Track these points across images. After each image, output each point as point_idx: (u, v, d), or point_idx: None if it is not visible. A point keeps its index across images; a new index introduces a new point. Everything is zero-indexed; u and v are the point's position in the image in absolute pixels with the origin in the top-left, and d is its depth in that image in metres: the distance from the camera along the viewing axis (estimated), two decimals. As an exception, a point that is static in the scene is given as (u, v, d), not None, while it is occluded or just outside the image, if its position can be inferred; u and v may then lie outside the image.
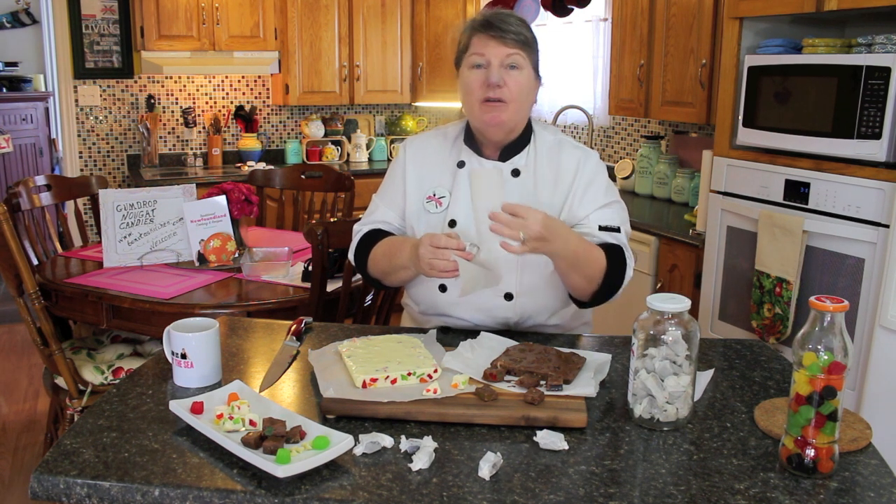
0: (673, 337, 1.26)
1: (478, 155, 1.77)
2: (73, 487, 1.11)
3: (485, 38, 1.67)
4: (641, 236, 3.22)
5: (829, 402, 1.12)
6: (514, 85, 1.67)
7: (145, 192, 2.76)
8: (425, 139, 1.86)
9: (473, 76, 1.69)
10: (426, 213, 1.78)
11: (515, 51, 1.67)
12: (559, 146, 1.79)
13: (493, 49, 1.66)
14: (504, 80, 1.66)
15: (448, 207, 1.76)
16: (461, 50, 1.74)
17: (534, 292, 1.74)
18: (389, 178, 1.87)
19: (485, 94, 1.67)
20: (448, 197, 1.77)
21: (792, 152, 2.52)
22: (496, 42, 1.66)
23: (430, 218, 1.77)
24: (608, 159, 4.40)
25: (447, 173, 1.79)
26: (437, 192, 1.78)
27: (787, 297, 2.47)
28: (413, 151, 1.84)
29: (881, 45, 2.25)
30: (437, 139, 1.85)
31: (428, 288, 1.78)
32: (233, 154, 5.22)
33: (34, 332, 2.45)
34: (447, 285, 1.74)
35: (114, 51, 4.92)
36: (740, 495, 1.09)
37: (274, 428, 1.20)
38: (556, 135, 1.82)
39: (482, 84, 1.67)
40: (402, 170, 1.83)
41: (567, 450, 1.22)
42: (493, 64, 1.67)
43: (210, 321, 1.50)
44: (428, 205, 1.78)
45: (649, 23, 3.52)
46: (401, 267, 1.70)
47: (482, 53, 1.67)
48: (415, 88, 5.37)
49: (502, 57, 1.66)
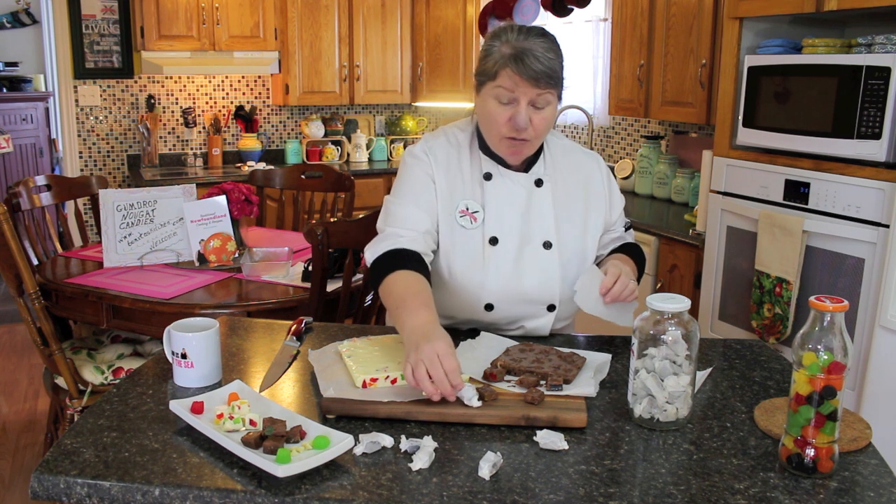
0: (673, 337, 1.26)
1: (502, 166, 1.72)
2: (74, 487, 1.11)
3: (515, 76, 1.57)
4: (641, 236, 3.21)
5: (828, 402, 1.12)
6: (541, 122, 1.62)
7: (145, 192, 2.76)
8: (442, 145, 1.76)
9: (499, 111, 1.61)
10: (461, 227, 1.71)
11: (546, 91, 1.59)
12: (567, 151, 1.81)
13: (523, 89, 1.57)
14: (530, 120, 1.60)
15: (484, 222, 1.71)
16: (487, 74, 1.62)
17: (568, 301, 1.74)
18: (415, 181, 1.73)
19: (509, 133, 1.62)
20: (482, 212, 1.71)
21: (792, 152, 2.52)
22: (527, 83, 1.57)
23: (467, 234, 1.71)
24: (608, 159, 4.40)
25: (476, 185, 1.73)
26: (469, 206, 1.72)
27: (787, 297, 2.47)
28: (437, 157, 1.74)
29: (881, 45, 2.25)
30: (452, 146, 1.76)
31: (472, 307, 1.72)
32: (233, 154, 5.22)
33: (34, 332, 2.45)
34: (494, 304, 1.70)
35: (114, 51, 4.92)
36: (740, 495, 1.09)
37: (274, 428, 1.20)
38: (561, 139, 1.83)
39: (507, 122, 1.61)
40: (431, 175, 1.72)
41: (567, 450, 1.22)
42: (521, 103, 1.59)
43: (210, 321, 1.50)
44: (462, 219, 1.71)
45: (649, 23, 3.53)
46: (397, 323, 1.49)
47: (511, 90, 1.58)
48: (415, 88, 5.37)
49: (532, 97, 1.58)
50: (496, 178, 1.73)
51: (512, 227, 1.71)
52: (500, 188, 1.72)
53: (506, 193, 1.72)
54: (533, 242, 1.71)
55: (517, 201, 1.72)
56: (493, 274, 1.69)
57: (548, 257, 1.71)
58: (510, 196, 1.72)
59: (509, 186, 1.72)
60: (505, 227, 1.71)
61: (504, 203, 1.71)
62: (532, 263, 1.70)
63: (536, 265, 1.70)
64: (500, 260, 1.69)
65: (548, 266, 1.71)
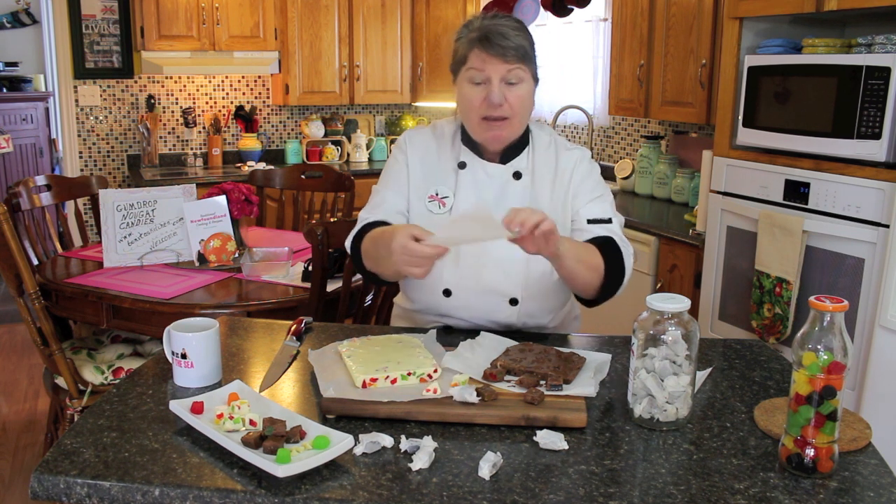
0: (673, 337, 1.26)
1: (478, 157, 1.76)
2: (74, 487, 1.11)
3: (483, 53, 1.62)
4: (641, 236, 3.22)
5: (828, 402, 1.12)
6: (516, 100, 1.64)
7: (145, 192, 2.76)
8: (423, 135, 1.83)
9: (473, 93, 1.66)
10: (429, 213, 1.76)
11: (516, 66, 1.62)
12: (554, 147, 1.80)
13: (493, 66, 1.62)
14: (505, 97, 1.63)
15: (451, 209, 1.75)
16: (458, 61, 1.69)
17: (537, 297, 1.74)
18: (392, 168, 1.82)
19: (486, 112, 1.65)
20: (451, 198, 1.76)
21: (792, 152, 2.52)
22: (496, 59, 1.61)
23: (433, 219, 1.75)
24: (608, 159, 4.40)
25: (449, 173, 1.77)
26: (439, 191, 1.77)
27: (787, 297, 2.47)
28: (414, 145, 1.81)
29: (881, 45, 2.25)
30: (434, 136, 1.82)
31: (430, 290, 1.77)
32: (233, 154, 5.22)
33: (34, 332, 2.45)
34: (451, 290, 1.74)
35: (114, 51, 4.92)
36: (740, 495, 1.09)
37: (274, 428, 1.20)
38: (551, 135, 1.82)
39: (482, 101, 1.64)
40: (405, 161, 1.80)
41: (567, 450, 1.22)
42: (493, 81, 1.63)
43: (210, 321, 1.50)
44: (430, 204, 1.77)
45: (649, 23, 3.53)
46: (386, 255, 1.55)
47: (481, 69, 1.63)
48: (415, 88, 5.37)
49: (503, 73, 1.62)
50: (470, 167, 1.75)
51: None
52: (472, 177, 1.74)
53: (477, 183, 1.74)
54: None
55: (488, 191, 1.73)
56: (451, 260, 1.69)
57: (513, 250, 1.64)
58: (481, 186, 1.74)
59: (482, 177, 1.74)
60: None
61: (474, 192, 1.73)
62: (495, 254, 1.69)
63: (499, 257, 1.69)
64: (463, 248, 1.70)
65: (512, 259, 1.68)
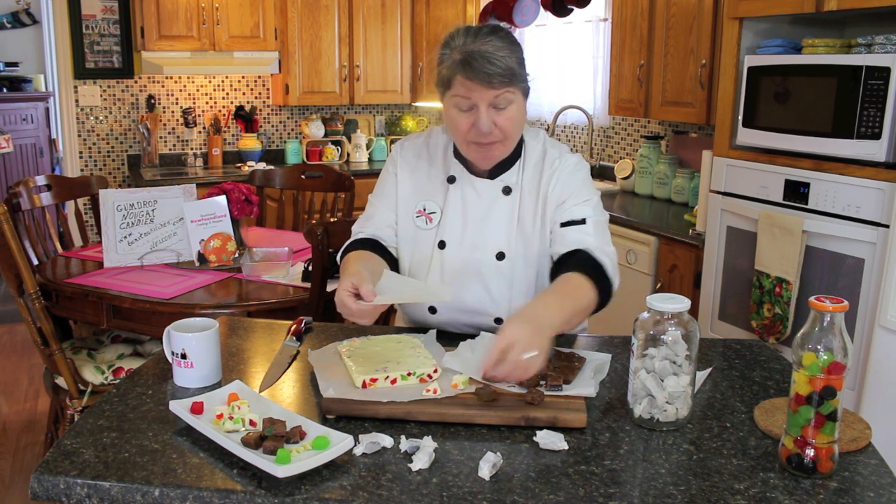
0: (673, 337, 1.26)
1: (468, 172, 1.70)
2: (74, 487, 1.11)
3: (468, 81, 1.51)
4: (641, 236, 3.22)
5: (828, 402, 1.12)
6: (506, 122, 1.56)
7: (145, 193, 2.76)
8: (416, 147, 1.78)
9: (461, 118, 1.57)
10: (416, 228, 1.72)
11: (503, 90, 1.52)
12: (542, 159, 1.71)
13: (479, 93, 1.52)
14: (494, 123, 1.55)
15: (438, 226, 1.71)
16: (442, 83, 1.58)
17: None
18: (383, 180, 1.79)
19: (475, 139, 1.58)
20: (439, 214, 1.71)
21: (792, 152, 2.52)
22: (482, 87, 1.51)
23: (420, 235, 1.72)
24: (608, 159, 4.40)
25: (439, 187, 1.72)
26: (427, 206, 1.72)
27: (787, 297, 2.47)
28: (405, 159, 1.76)
29: (881, 46, 2.25)
30: (427, 148, 1.76)
31: (416, 307, 1.75)
32: (233, 154, 5.22)
33: (34, 332, 2.45)
34: (436, 308, 1.72)
35: (114, 51, 4.92)
36: (740, 495, 1.09)
37: (274, 428, 1.20)
38: (543, 144, 1.74)
39: (470, 128, 1.56)
40: (395, 174, 1.76)
41: (567, 450, 1.22)
42: (480, 108, 1.53)
43: (210, 321, 1.50)
44: (418, 220, 1.72)
45: (649, 23, 3.53)
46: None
47: (467, 97, 1.53)
48: (415, 88, 5.37)
49: (490, 99, 1.52)
50: (459, 182, 1.70)
51: (464, 233, 1.68)
52: (461, 192, 1.70)
53: (465, 199, 1.69)
54: (485, 251, 1.67)
55: (475, 208, 1.69)
56: (435, 278, 1.67)
57: (499, 268, 1.66)
58: (469, 202, 1.69)
59: (470, 192, 1.69)
60: (456, 233, 1.69)
61: (461, 208, 1.69)
62: (479, 273, 1.67)
63: (484, 275, 1.67)
64: (447, 265, 1.68)
65: (497, 277, 1.66)
